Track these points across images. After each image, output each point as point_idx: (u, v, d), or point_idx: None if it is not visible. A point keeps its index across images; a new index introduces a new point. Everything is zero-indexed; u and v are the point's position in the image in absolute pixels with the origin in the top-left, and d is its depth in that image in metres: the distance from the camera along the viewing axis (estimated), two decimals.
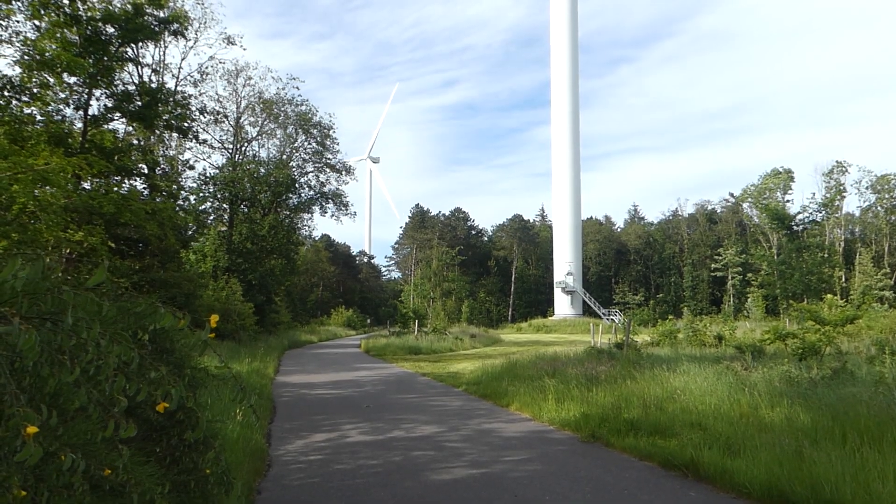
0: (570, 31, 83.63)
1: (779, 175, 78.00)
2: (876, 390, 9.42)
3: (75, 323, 1.60)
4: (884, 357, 12.22)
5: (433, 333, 38.74)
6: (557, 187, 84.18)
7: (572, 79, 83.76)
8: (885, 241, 79.37)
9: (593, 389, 12.11)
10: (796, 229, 68.28)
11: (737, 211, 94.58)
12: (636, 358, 16.18)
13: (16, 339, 1.41)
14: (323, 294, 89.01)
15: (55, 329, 1.57)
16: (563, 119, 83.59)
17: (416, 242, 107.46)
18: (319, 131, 46.94)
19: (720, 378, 11.65)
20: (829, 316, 15.49)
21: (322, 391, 15.77)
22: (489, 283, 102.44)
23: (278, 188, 42.41)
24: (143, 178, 26.06)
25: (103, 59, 21.42)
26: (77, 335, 1.60)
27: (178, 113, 26.17)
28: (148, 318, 2.29)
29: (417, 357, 28.89)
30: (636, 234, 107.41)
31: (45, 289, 1.58)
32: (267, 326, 39.05)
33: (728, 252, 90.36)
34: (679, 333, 24.53)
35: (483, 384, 15.49)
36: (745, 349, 15.48)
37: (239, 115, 43.72)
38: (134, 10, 23.06)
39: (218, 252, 37.53)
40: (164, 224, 21.00)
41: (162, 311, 2.11)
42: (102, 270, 1.69)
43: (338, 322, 72.70)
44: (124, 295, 2.79)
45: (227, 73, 41.62)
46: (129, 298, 2.55)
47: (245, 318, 31.26)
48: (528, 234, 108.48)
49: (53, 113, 20.44)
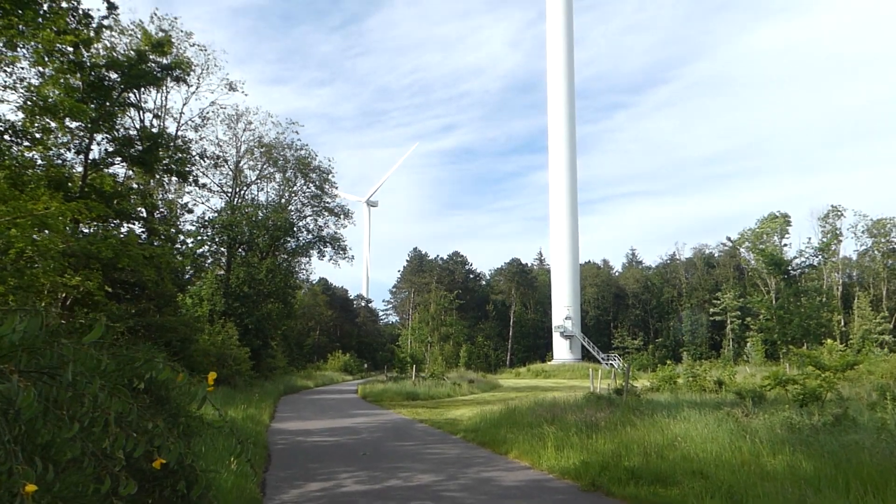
0: (566, 78, 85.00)
1: (776, 219, 78.43)
2: (878, 437, 9.32)
3: (75, 378, 1.59)
4: (885, 403, 12.11)
5: (431, 379, 38.38)
6: (555, 231, 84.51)
7: (569, 124, 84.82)
8: (882, 285, 79.42)
9: (593, 436, 11.95)
10: (793, 273, 68.36)
11: (734, 255, 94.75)
12: (636, 404, 16.03)
13: (15, 395, 1.39)
14: (320, 338, 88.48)
15: (53, 383, 1.55)
16: (560, 164, 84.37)
17: (414, 286, 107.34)
18: (318, 175, 47.35)
19: (721, 425, 11.52)
20: (830, 361, 15.42)
21: (318, 438, 15.55)
22: (487, 328, 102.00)
23: (276, 232, 42.53)
24: (142, 221, 26.14)
25: (106, 105, 21.70)
26: (75, 389, 1.59)
27: (178, 157, 26.39)
28: (144, 367, 2.28)
29: (415, 403, 28.57)
30: (634, 278, 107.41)
31: (43, 342, 1.57)
32: (263, 371, 38.70)
33: (726, 296, 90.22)
34: (679, 378, 24.36)
35: (481, 431, 15.30)
36: (746, 395, 15.35)
37: (238, 158, 44.15)
38: (138, 56, 23.47)
39: (215, 296, 37.41)
40: (162, 269, 20.99)
41: (160, 366, 2.09)
42: (101, 327, 1.69)
43: (334, 367, 72.08)
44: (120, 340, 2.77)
45: (228, 118, 42.21)
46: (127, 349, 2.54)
47: (241, 364, 31.00)
48: (526, 278, 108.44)
49: (54, 157, 20.61)
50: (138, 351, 2.33)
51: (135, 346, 3.73)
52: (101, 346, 1.94)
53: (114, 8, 20.42)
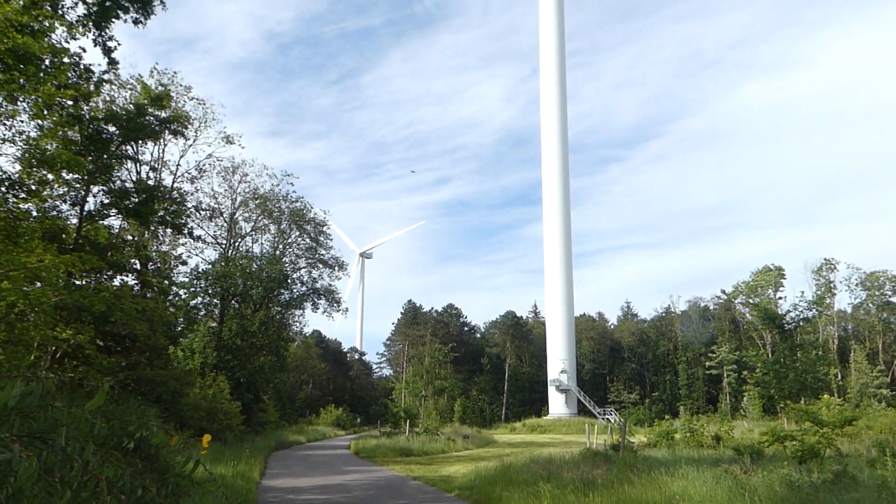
0: (559, 132, 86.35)
1: (769, 272, 78.90)
2: (879, 496, 9.19)
3: (67, 442, 1.55)
4: (885, 460, 11.97)
5: (425, 434, 37.86)
6: (550, 284, 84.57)
7: (563, 177, 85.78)
8: (878, 338, 79.37)
9: (590, 495, 11.74)
10: (788, 327, 68.23)
11: (729, 308, 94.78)
12: (633, 461, 15.80)
13: (17, 466, 1.35)
14: (312, 392, 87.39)
15: (45, 447, 1.52)
16: (554, 216, 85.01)
17: (409, 339, 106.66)
18: (314, 227, 47.54)
19: (719, 482, 11.34)
20: (828, 417, 15.30)
21: (309, 496, 15.23)
22: (482, 381, 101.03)
23: (270, 284, 42.43)
24: (136, 273, 26.06)
25: (103, 157, 21.87)
26: (66, 453, 1.55)
27: (173, 210, 26.48)
28: (137, 428, 2.24)
29: (409, 459, 28.09)
30: (630, 332, 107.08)
31: (37, 406, 1.54)
32: (254, 426, 38.11)
33: (722, 349, 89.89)
34: (676, 434, 24.11)
35: (476, 489, 15.03)
36: (744, 451, 15.17)
37: (234, 210, 44.32)
38: (136, 110, 23.78)
39: (206, 348, 37.07)
40: (155, 322, 20.86)
41: (154, 429, 2.06)
42: (102, 394, 1.66)
43: (327, 421, 71.01)
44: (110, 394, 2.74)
45: (224, 170, 42.51)
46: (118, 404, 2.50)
47: (232, 418, 30.53)
48: (521, 330, 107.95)
49: (50, 209, 20.65)
50: (130, 413, 2.30)
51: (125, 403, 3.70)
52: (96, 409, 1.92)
53: (115, 63, 20.76)
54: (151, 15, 18.21)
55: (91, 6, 17.12)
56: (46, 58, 16.04)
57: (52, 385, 1.91)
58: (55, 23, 15.57)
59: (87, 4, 17.08)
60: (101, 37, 17.89)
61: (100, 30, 17.64)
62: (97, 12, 17.15)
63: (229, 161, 43.20)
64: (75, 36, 16.91)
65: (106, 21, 17.49)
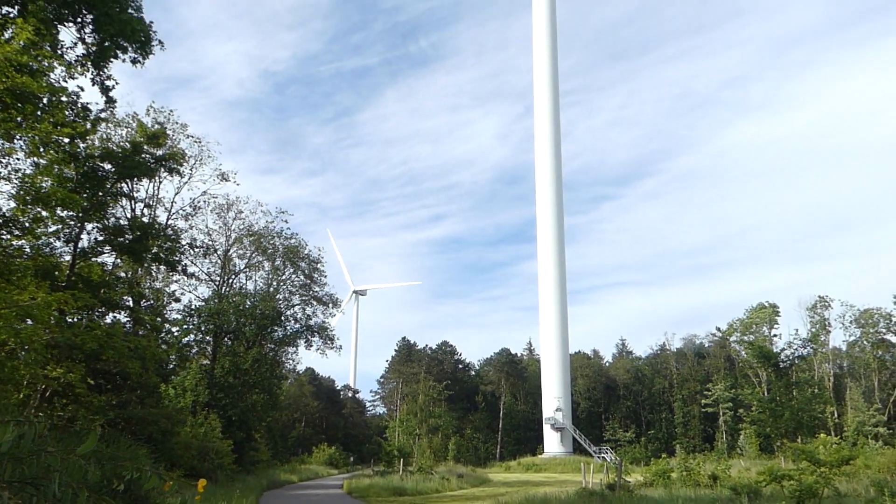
0: (553, 170, 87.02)
1: (764, 309, 78.92)
2: None
3: (60, 489, 1.53)
4: (884, 500, 11.86)
5: (419, 473, 37.38)
6: (545, 321, 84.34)
7: (557, 215, 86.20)
8: (874, 376, 79.09)
9: None
10: (783, 365, 68.10)
11: (724, 345, 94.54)
12: (629, 500, 15.61)
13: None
14: (305, 430, 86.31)
15: (37, 493, 1.50)
16: (549, 254, 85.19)
17: (403, 376, 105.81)
18: (308, 264, 47.48)
19: None
20: (825, 456, 15.19)
21: None
22: (477, 419, 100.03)
23: (264, 321, 42.18)
24: (128, 311, 25.93)
25: (98, 195, 21.91)
26: (56, 499, 1.54)
27: (167, 247, 26.46)
28: (128, 471, 2.22)
29: (402, 499, 27.69)
30: (625, 369, 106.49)
31: (29, 451, 1.53)
32: (245, 465, 37.56)
33: (717, 387, 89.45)
34: (672, 473, 23.86)
35: None
36: (741, 490, 15.02)
37: (228, 247, 44.29)
38: (132, 147, 23.90)
39: (198, 386, 36.69)
40: (147, 360, 20.69)
41: (148, 474, 2.05)
42: (94, 437, 1.65)
43: (319, 460, 70.03)
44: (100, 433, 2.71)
45: (219, 207, 42.57)
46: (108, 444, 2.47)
47: (223, 457, 30.12)
48: (515, 368, 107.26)
49: (43, 246, 20.61)
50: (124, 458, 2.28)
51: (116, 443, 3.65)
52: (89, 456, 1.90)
53: (112, 102, 20.94)
54: (150, 55, 18.43)
55: (90, 46, 17.33)
56: (45, 96, 16.19)
57: (43, 428, 1.89)
58: (54, 62, 15.74)
59: (87, 45, 17.29)
60: (100, 76, 18.08)
61: (98, 69, 17.84)
62: (96, 52, 17.36)
63: (224, 198, 43.26)
64: (73, 75, 17.07)
65: (104, 61, 17.70)
